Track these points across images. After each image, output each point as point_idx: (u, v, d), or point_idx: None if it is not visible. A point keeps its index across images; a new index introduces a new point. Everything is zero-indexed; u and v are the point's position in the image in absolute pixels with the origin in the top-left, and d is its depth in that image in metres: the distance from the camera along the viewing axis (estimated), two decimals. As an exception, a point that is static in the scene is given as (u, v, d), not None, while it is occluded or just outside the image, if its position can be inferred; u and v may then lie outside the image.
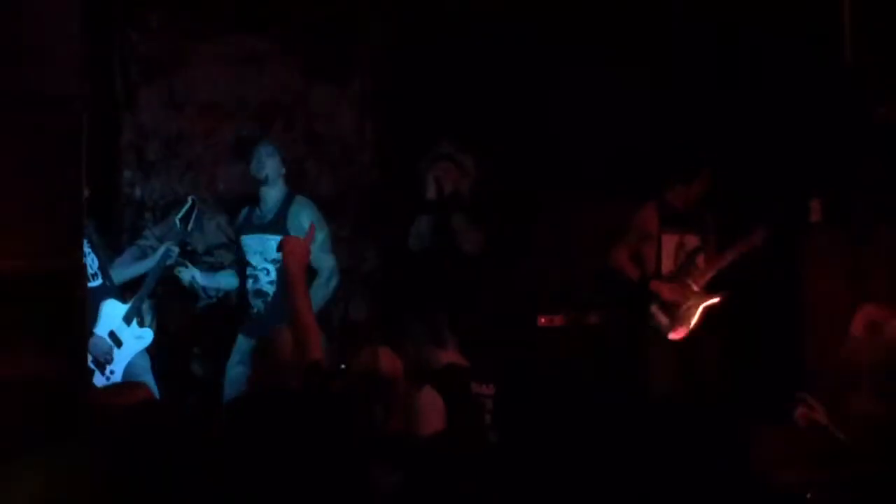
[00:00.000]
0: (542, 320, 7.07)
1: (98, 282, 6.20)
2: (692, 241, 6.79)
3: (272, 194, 6.32)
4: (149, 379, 6.11)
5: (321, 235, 6.13)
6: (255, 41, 7.43)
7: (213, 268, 7.03)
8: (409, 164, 7.45)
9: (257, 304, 6.30)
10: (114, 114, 7.26)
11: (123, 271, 6.41)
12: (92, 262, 6.16)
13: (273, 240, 6.03)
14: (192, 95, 7.35)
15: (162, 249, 6.37)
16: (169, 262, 6.33)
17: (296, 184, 6.79)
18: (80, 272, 4.95)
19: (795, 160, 6.84)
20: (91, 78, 6.73)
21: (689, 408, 6.18)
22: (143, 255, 6.59)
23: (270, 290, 6.26)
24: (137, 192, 7.29)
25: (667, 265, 6.76)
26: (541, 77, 7.42)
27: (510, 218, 7.44)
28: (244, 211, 6.49)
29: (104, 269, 6.28)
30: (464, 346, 5.74)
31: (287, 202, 6.29)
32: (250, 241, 6.33)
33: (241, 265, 6.49)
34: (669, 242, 6.78)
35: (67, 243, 4.67)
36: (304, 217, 6.17)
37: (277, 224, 6.23)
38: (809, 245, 6.92)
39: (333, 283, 6.30)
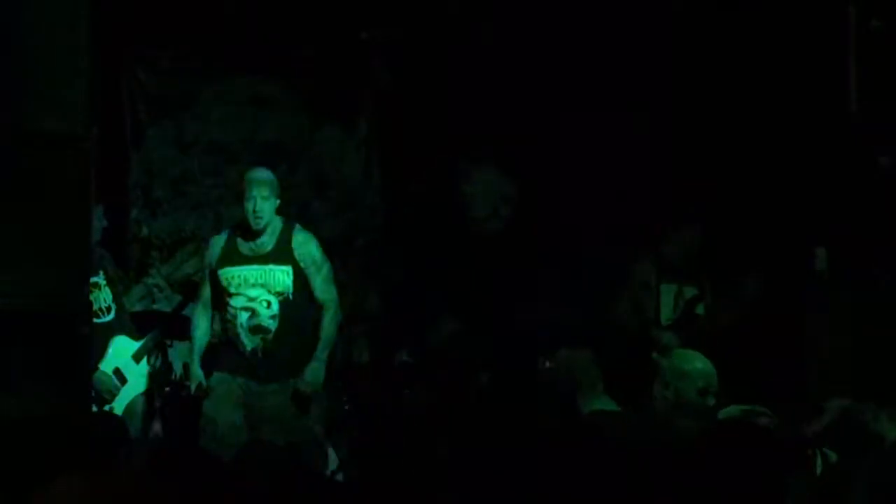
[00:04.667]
0: (548, 364, 7.06)
1: (110, 316, 6.14)
2: (691, 290, 6.80)
3: (266, 231, 5.74)
4: (137, 423, 6.02)
5: (326, 268, 5.77)
6: (262, 83, 7.48)
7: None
8: (415, 206, 7.48)
9: (254, 342, 5.69)
10: (122, 153, 7.29)
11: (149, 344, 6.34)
12: (106, 295, 6.10)
13: (279, 270, 5.65)
14: (200, 136, 7.40)
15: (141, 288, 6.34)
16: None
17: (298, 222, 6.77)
18: (86, 311, 4.98)
19: (800, 209, 6.85)
20: (99, 117, 6.75)
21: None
22: (149, 294, 6.57)
23: (273, 325, 5.68)
24: (144, 230, 7.31)
25: (665, 314, 6.77)
26: (543, 122, 7.45)
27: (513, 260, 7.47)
28: (220, 241, 5.80)
29: (119, 302, 6.21)
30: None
31: (288, 231, 5.74)
32: (244, 273, 5.69)
33: (206, 302, 5.88)
34: (668, 292, 6.78)
35: (72, 282, 4.70)
36: (313, 249, 5.73)
37: (282, 255, 5.68)
38: (814, 294, 6.91)
39: (339, 316, 5.86)
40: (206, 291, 5.79)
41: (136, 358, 6.15)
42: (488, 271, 7.43)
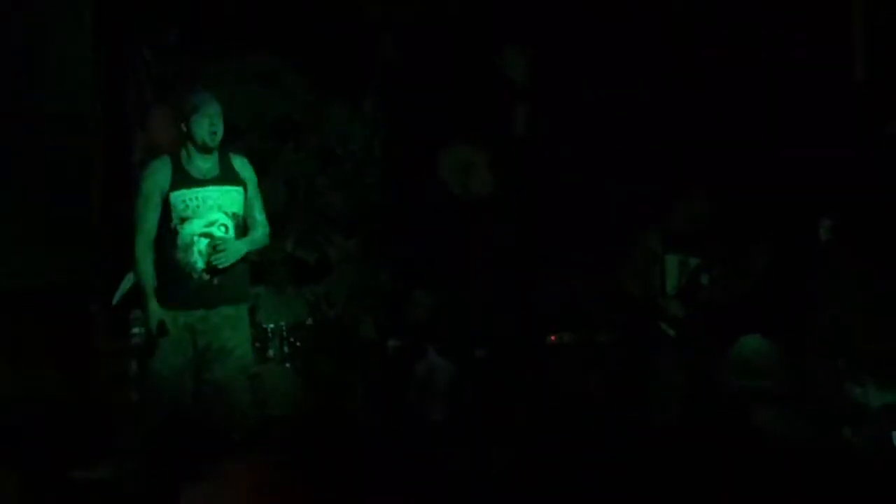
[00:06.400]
0: (552, 338, 7.09)
1: None
2: (696, 259, 6.80)
3: (214, 154, 5.51)
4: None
5: (260, 193, 5.62)
6: (268, 59, 7.48)
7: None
8: (421, 181, 7.49)
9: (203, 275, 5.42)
10: (127, 132, 7.31)
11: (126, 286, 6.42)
12: None
13: (234, 191, 5.47)
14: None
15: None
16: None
17: (307, 200, 6.80)
18: (94, 288, 5.01)
19: (805, 178, 6.84)
20: (104, 97, 6.77)
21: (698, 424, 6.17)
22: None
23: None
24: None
25: (671, 284, 6.78)
26: (548, 92, 7.46)
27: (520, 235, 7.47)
28: (166, 165, 5.46)
29: None
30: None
31: (225, 155, 5.54)
32: (202, 195, 5.44)
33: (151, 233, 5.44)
34: (673, 262, 6.79)
35: (81, 260, 4.73)
36: (248, 172, 5.57)
37: (231, 176, 5.51)
38: (819, 265, 6.90)
39: (268, 241, 5.64)
40: (150, 221, 5.39)
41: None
42: (481, 243, 7.43)
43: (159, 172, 5.42)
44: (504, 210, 7.54)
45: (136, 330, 6.48)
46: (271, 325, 6.81)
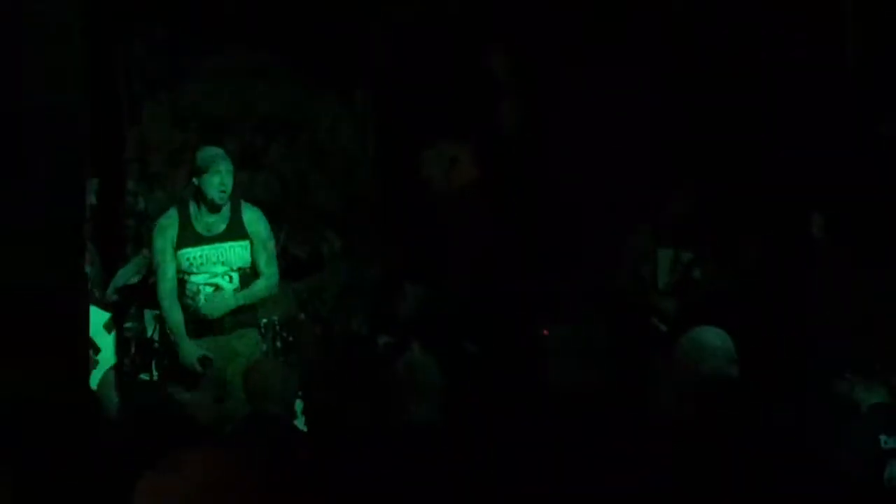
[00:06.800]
0: (546, 332, 7.08)
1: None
2: (688, 254, 6.81)
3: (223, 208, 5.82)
4: (112, 395, 6.11)
5: (271, 245, 5.87)
6: (258, 55, 7.47)
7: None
8: (412, 177, 7.49)
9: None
10: (118, 127, 7.30)
11: (120, 280, 6.43)
12: None
13: (238, 246, 5.74)
14: (196, 109, 7.40)
15: (139, 261, 6.38)
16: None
17: (298, 197, 6.80)
18: (82, 282, 4.99)
19: (798, 173, 6.84)
20: (95, 92, 6.76)
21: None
22: (146, 266, 6.59)
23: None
24: (141, 203, 7.33)
25: (662, 279, 6.79)
26: (541, 88, 7.46)
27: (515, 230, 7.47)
28: (173, 223, 5.79)
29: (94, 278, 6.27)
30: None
31: (237, 208, 5.81)
32: (205, 253, 5.75)
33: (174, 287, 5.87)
34: (664, 257, 6.80)
35: (68, 255, 4.70)
36: (261, 226, 5.82)
37: (237, 231, 5.77)
38: (811, 260, 6.91)
39: (274, 290, 5.97)
40: (169, 274, 5.77)
41: (108, 328, 6.23)
42: (467, 237, 7.43)
43: (169, 229, 5.74)
44: (492, 205, 7.53)
45: (129, 325, 6.54)
46: (264, 321, 6.82)
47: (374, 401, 6.26)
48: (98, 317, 6.22)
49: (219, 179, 5.63)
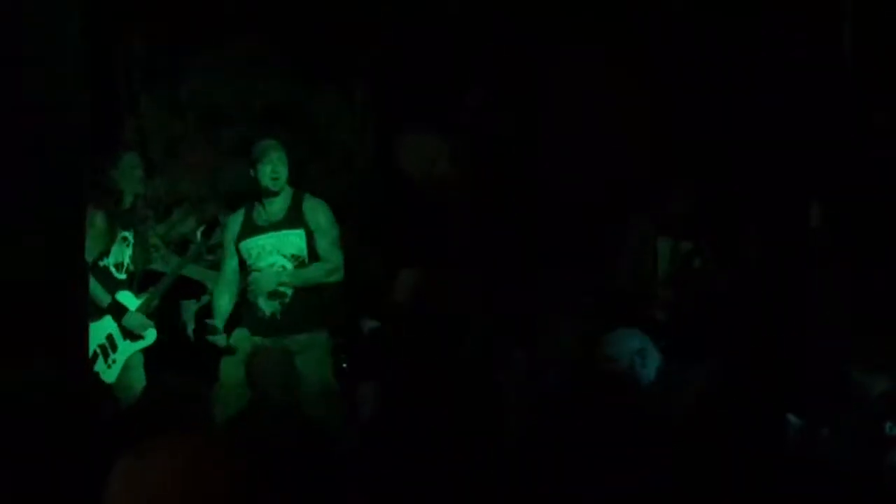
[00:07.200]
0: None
1: (122, 275, 6.26)
2: (687, 244, 6.82)
3: (280, 196, 6.03)
4: (140, 375, 6.16)
5: (334, 233, 6.04)
6: (257, 46, 7.46)
7: (216, 266, 7.04)
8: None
9: (272, 307, 5.96)
10: (116, 118, 7.30)
11: None
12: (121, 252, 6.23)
13: (293, 234, 5.94)
14: (195, 99, 7.39)
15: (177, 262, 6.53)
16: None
17: (299, 187, 6.80)
18: (81, 275, 4.99)
19: (795, 164, 6.85)
20: (93, 83, 6.75)
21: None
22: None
23: (288, 289, 5.95)
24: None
25: (663, 269, 6.79)
26: (537, 80, 7.45)
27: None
28: (237, 218, 6.12)
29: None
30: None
31: (298, 199, 6.03)
32: (261, 242, 6.00)
33: (227, 279, 6.20)
34: (664, 247, 6.80)
35: (68, 246, 4.70)
36: (320, 215, 6.01)
37: (295, 220, 5.98)
38: (809, 251, 6.92)
39: (337, 275, 6.08)
40: (228, 267, 6.10)
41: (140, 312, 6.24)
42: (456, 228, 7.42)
43: (233, 224, 6.10)
44: (475, 203, 7.53)
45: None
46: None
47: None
48: (130, 301, 6.24)
49: (270, 168, 5.90)
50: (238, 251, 6.03)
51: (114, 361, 6.16)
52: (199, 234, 6.64)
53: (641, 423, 4.27)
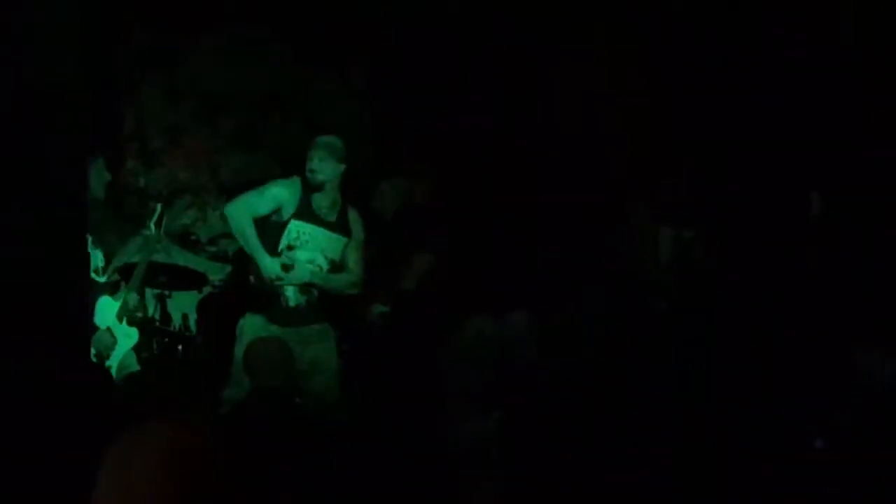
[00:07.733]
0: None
1: (103, 277, 6.25)
2: (689, 232, 6.83)
3: (330, 195, 6.05)
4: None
5: (362, 248, 6.18)
6: (255, 31, 7.45)
7: (217, 257, 7.05)
8: (409, 156, 7.47)
9: (299, 299, 5.98)
10: (116, 106, 7.29)
11: (121, 259, 6.44)
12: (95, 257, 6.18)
13: (341, 240, 6.05)
14: (193, 86, 7.38)
15: (139, 240, 6.42)
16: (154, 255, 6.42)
17: (298, 174, 6.77)
18: (83, 264, 4.99)
19: (795, 153, 6.85)
20: (93, 70, 6.73)
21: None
22: (147, 245, 6.59)
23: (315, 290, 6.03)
24: (140, 181, 7.34)
25: (664, 257, 6.80)
26: (535, 70, 7.45)
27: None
28: (295, 191, 6.00)
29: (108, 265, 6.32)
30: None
31: (345, 207, 6.12)
32: (312, 232, 5.99)
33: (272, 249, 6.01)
34: (664, 235, 6.82)
35: (69, 235, 4.70)
36: (360, 229, 6.15)
37: (344, 227, 6.09)
38: (810, 238, 6.93)
39: (356, 288, 6.18)
40: (262, 209, 5.95)
41: (119, 317, 6.25)
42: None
43: (289, 191, 5.98)
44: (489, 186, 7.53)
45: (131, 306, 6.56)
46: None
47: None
48: (110, 307, 6.26)
49: (310, 165, 5.94)
50: (285, 227, 5.95)
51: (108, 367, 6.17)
52: (152, 224, 6.48)
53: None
